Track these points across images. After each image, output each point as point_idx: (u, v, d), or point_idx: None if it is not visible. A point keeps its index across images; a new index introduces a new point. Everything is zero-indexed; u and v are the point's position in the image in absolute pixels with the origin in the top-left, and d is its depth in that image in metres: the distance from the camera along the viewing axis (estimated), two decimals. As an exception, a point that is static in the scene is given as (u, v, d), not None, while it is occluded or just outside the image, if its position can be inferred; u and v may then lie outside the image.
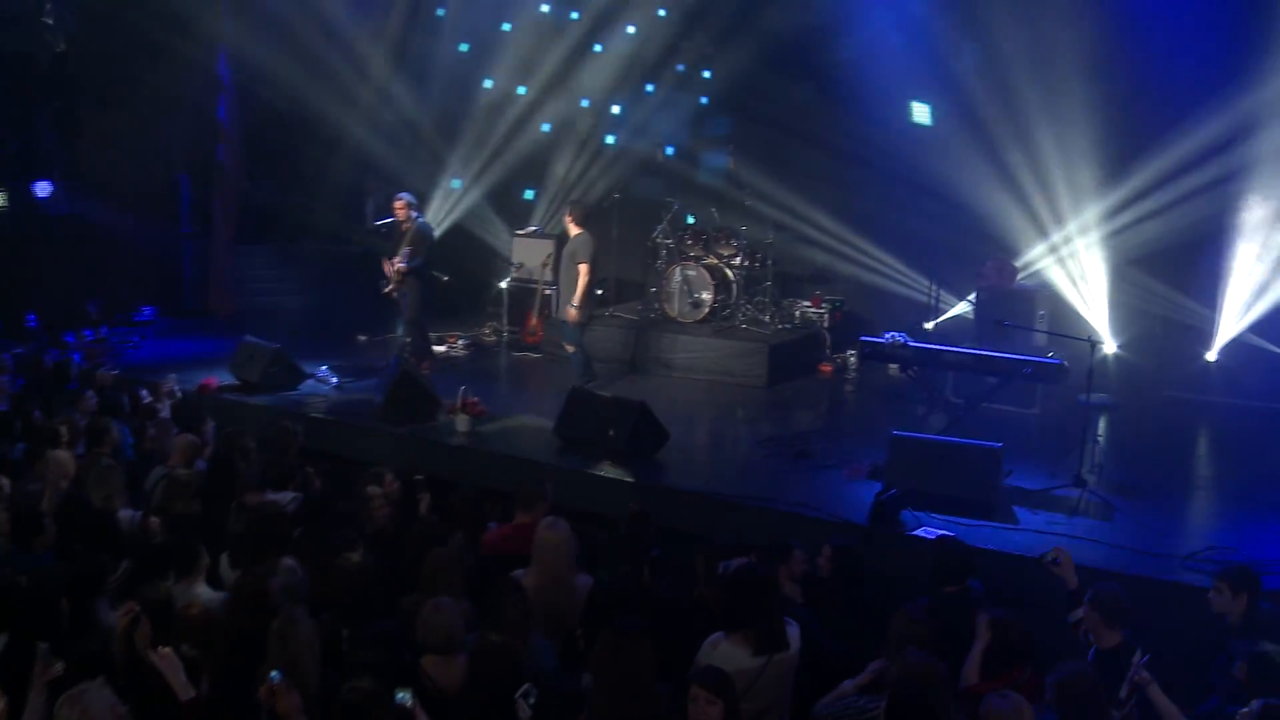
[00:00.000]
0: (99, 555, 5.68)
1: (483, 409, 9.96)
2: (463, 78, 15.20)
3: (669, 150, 15.12)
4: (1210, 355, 11.86)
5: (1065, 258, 12.45)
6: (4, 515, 6.45)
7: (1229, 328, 11.77)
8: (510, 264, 14.35)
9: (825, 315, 13.32)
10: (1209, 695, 5.39)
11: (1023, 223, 12.55)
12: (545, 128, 15.72)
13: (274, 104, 14.41)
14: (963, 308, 12.89)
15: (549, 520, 6.06)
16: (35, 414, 8.92)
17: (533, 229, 14.88)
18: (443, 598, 5.04)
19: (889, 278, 13.64)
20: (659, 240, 13.34)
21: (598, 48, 15.34)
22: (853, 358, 12.54)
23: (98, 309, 13.21)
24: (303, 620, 4.76)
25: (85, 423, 8.25)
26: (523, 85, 15.39)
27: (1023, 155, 12.31)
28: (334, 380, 11.36)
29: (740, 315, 12.81)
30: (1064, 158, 12.14)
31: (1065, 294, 12.20)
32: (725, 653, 4.96)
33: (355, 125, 14.94)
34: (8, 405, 9.42)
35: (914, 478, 8.11)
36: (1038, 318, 11.34)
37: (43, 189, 13.84)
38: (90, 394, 9.34)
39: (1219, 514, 8.34)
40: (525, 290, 13.88)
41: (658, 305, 13.03)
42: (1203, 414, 11.31)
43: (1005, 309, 11.18)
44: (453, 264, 12.95)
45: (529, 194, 16.11)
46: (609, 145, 15.55)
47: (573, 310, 11.19)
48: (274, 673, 4.47)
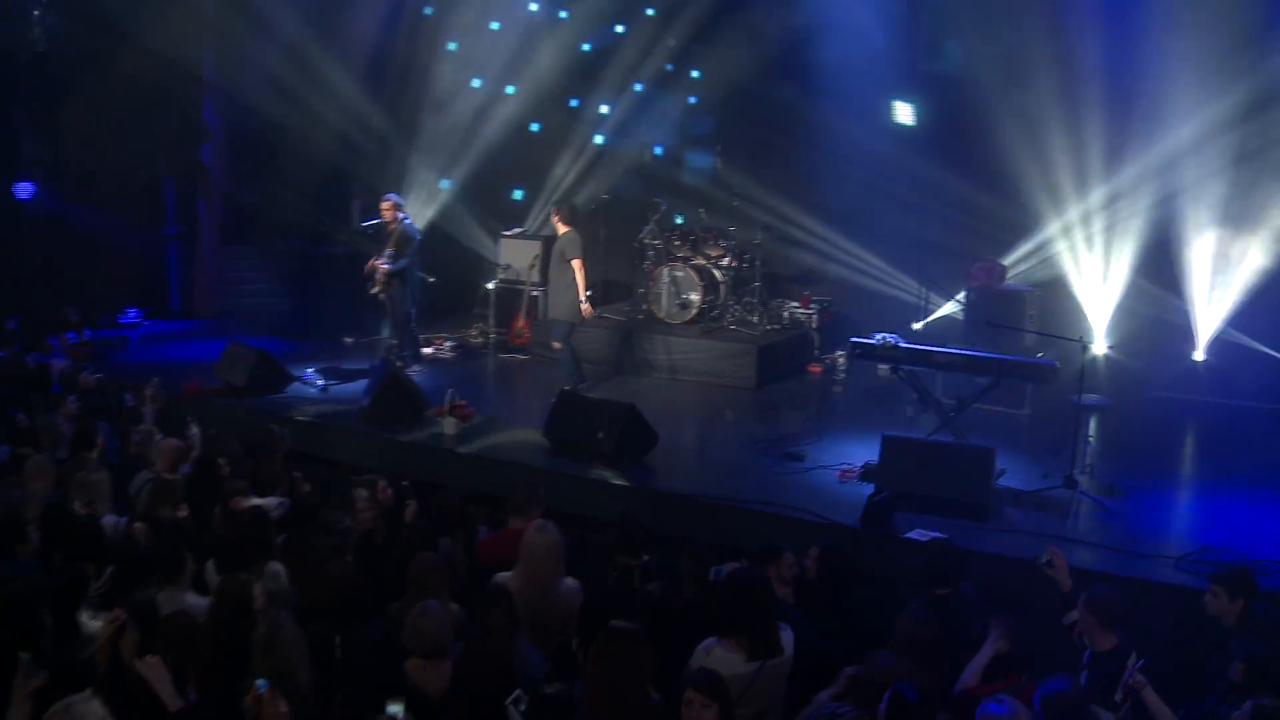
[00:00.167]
0: (82, 563, 5.59)
1: (471, 412, 9.89)
2: (451, 77, 15.12)
3: (657, 150, 15.05)
4: (1198, 355, 11.85)
5: (1052, 255, 12.43)
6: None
7: (1208, 325, 11.80)
8: (497, 265, 14.29)
9: (813, 316, 13.28)
10: (1203, 697, 5.37)
11: (1010, 221, 12.53)
12: (534, 127, 15.67)
13: (259, 104, 14.29)
14: (951, 308, 12.86)
15: (538, 523, 6.02)
16: (19, 417, 8.82)
17: (519, 230, 14.80)
18: (431, 601, 4.98)
19: (876, 278, 13.60)
20: (646, 241, 13.28)
21: (586, 47, 15.30)
22: (841, 358, 12.47)
23: (77, 312, 13.06)
24: (288, 626, 4.69)
25: (67, 427, 8.15)
26: (511, 85, 15.35)
27: (1007, 153, 12.27)
28: (320, 383, 11.29)
29: (728, 316, 12.76)
30: (1048, 155, 12.11)
31: (1055, 293, 12.16)
32: (719, 658, 4.93)
33: (341, 125, 14.84)
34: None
35: (906, 479, 8.09)
36: (1027, 319, 11.31)
37: (24, 190, 13.70)
38: (71, 398, 9.23)
39: (1211, 514, 8.30)
40: (512, 292, 13.82)
41: (645, 306, 12.97)
42: (1192, 414, 11.30)
43: (994, 310, 11.16)
44: (434, 264, 12.84)
45: (518, 194, 16.04)
46: (597, 145, 15.50)
47: (586, 305, 11.13)
48: (260, 681, 4.41)
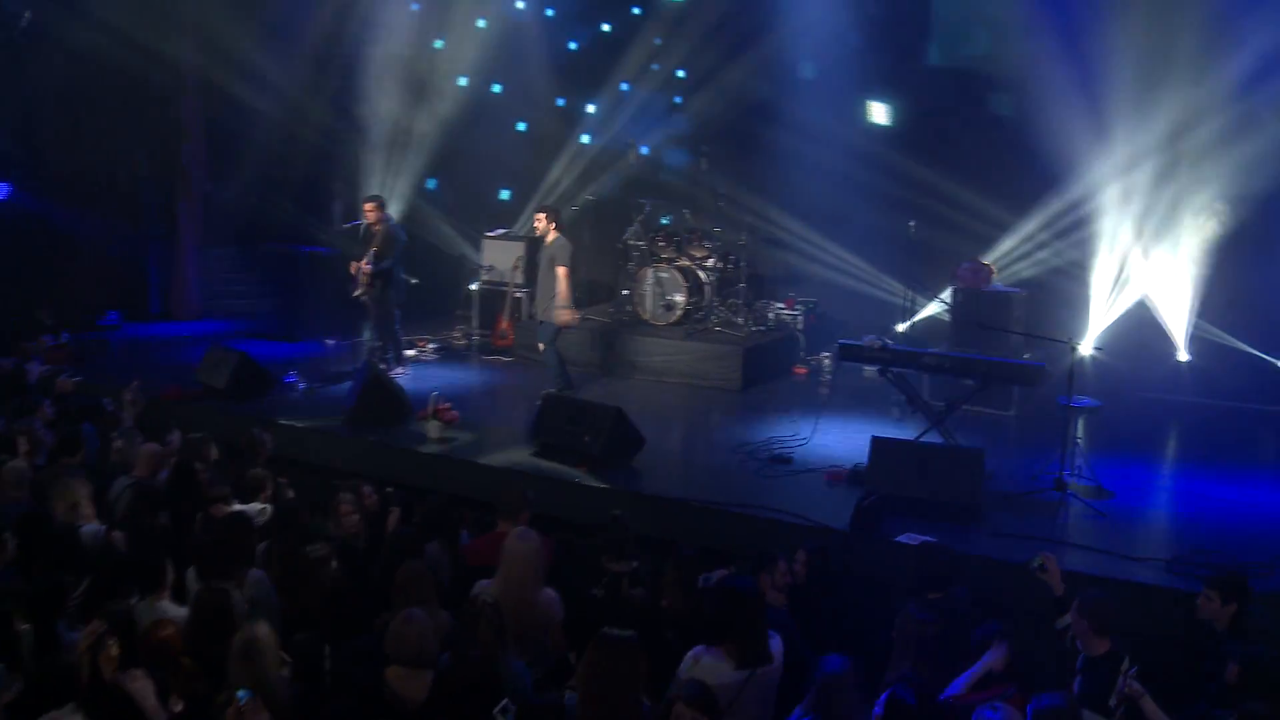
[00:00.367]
0: (60, 572, 5.47)
1: (455, 415, 9.79)
2: (437, 76, 15.03)
3: (643, 150, 14.98)
4: (1181, 355, 11.84)
5: (1036, 254, 12.46)
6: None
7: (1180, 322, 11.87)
8: (480, 266, 14.19)
9: (799, 317, 13.24)
10: (1195, 700, 5.34)
11: (991, 218, 12.55)
12: (521, 126, 15.58)
13: (239, 104, 14.18)
14: (935, 308, 12.82)
15: (519, 531, 5.96)
16: (-1, 422, 8.69)
17: (502, 231, 14.70)
18: (415, 610, 4.92)
19: (861, 279, 13.56)
20: (630, 242, 13.22)
21: (573, 45, 15.22)
22: (827, 359, 12.45)
23: (50, 314, 12.90)
24: (266, 635, 4.61)
25: (44, 433, 8.01)
26: (498, 84, 15.27)
27: (989, 150, 12.34)
28: (302, 386, 11.18)
29: (713, 318, 12.69)
30: (1030, 152, 12.09)
31: (1041, 294, 12.12)
32: (707, 667, 4.87)
33: (322, 125, 14.73)
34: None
35: (895, 481, 8.05)
36: (1013, 320, 11.27)
37: (1, 190, 13.55)
38: (47, 403, 9.07)
39: (1200, 516, 8.30)
40: (495, 293, 13.73)
41: (630, 308, 12.90)
42: (1178, 414, 11.32)
43: (981, 312, 11.14)
44: (413, 265, 12.76)
45: (504, 194, 15.96)
46: (583, 145, 15.42)
47: (567, 313, 10.93)
48: (241, 692, 4.32)
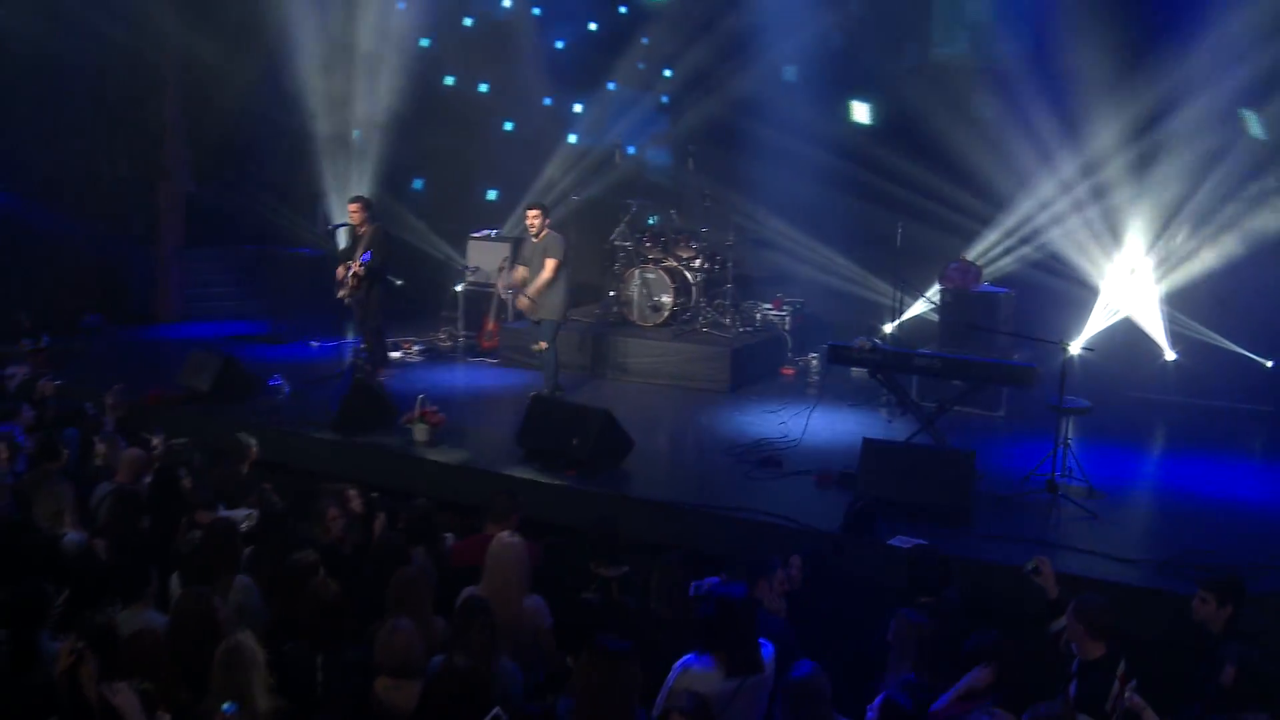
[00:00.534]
0: (42, 581, 5.37)
1: (441, 418, 9.70)
2: (423, 74, 14.95)
3: (630, 150, 14.91)
4: (1168, 355, 11.84)
5: (1021, 252, 12.48)
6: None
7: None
8: (465, 268, 14.10)
9: (786, 317, 13.19)
10: (1190, 703, 5.30)
11: (977, 214, 12.57)
12: (508, 126, 15.50)
13: (221, 104, 14.06)
14: (922, 306, 12.79)
15: (502, 536, 5.89)
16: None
17: (488, 232, 14.61)
18: (402, 619, 4.85)
19: (848, 279, 13.54)
20: (617, 243, 13.15)
21: (559, 44, 15.15)
22: (815, 360, 12.41)
23: (29, 317, 12.75)
24: (249, 645, 4.53)
25: (23, 438, 7.89)
26: (484, 83, 15.18)
27: (970, 150, 12.32)
28: (287, 390, 11.05)
29: (701, 318, 12.64)
30: (1009, 149, 12.16)
31: (1028, 294, 12.10)
32: (697, 675, 4.82)
33: (307, 125, 14.63)
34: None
35: (886, 484, 8.01)
36: (1001, 321, 11.23)
37: (-21, 192, 13.43)
38: (25, 407, 8.94)
39: (1191, 516, 8.28)
40: (481, 294, 13.64)
41: (617, 309, 12.83)
42: (1167, 414, 11.32)
43: (969, 313, 11.11)
44: (400, 267, 12.69)
45: (491, 194, 15.87)
46: (570, 144, 15.35)
47: (525, 300, 10.90)
48: (226, 705, 4.24)
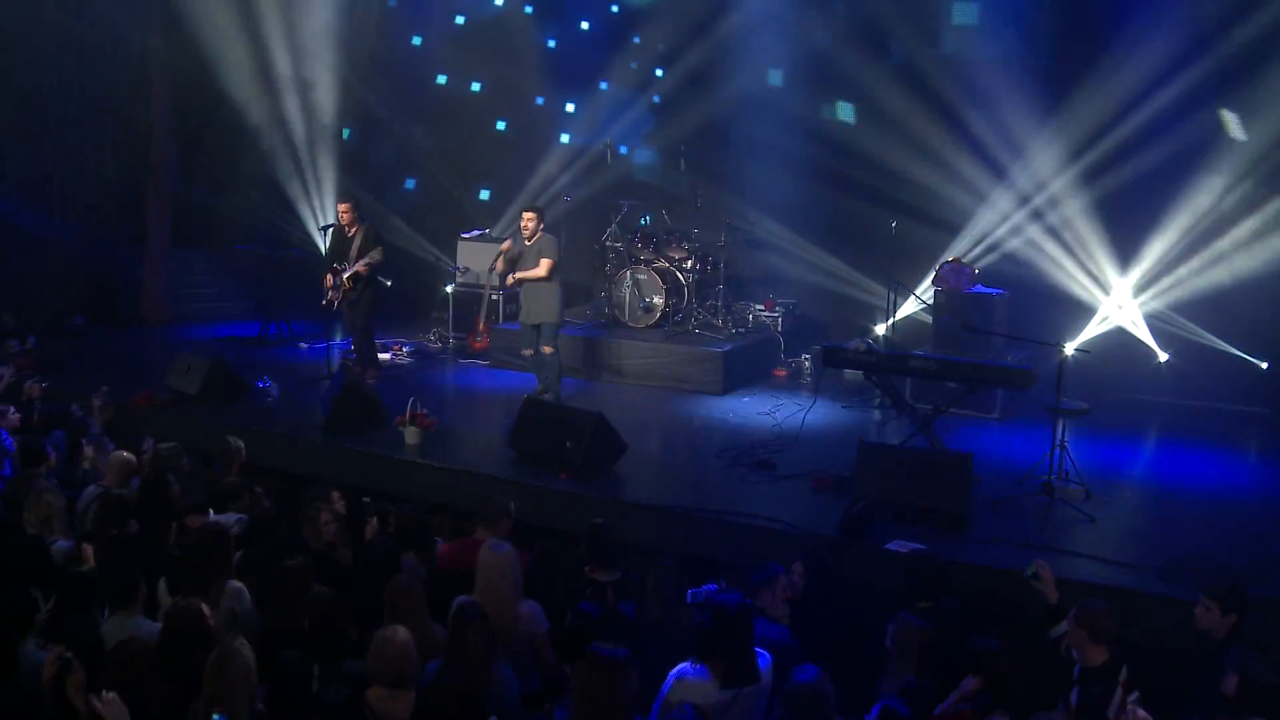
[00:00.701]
0: (28, 587, 5.28)
1: (432, 421, 9.63)
2: (415, 73, 14.87)
3: (622, 149, 14.86)
4: (1161, 356, 11.82)
5: (1010, 250, 12.47)
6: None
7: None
8: (454, 269, 14.01)
9: (778, 319, 13.14)
10: (1191, 710, 5.26)
11: (963, 209, 12.59)
12: (500, 125, 15.42)
13: (208, 105, 13.97)
14: (914, 305, 12.75)
15: (492, 543, 5.85)
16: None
17: (479, 232, 14.53)
18: (396, 628, 4.79)
19: (840, 279, 13.50)
20: (609, 243, 13.08)
21: (551, 43, 15.09)
22: (807, 361, 12.36)
23: (13, 318, 12.65)
24: (241, 652, 4.46)
25: (8, 441, 7.79)
26: (476, 81, 15.11)
27: (964, 145, 12.34)
28: (276, 392, 10.97)
29: (693, 319, 12.57)
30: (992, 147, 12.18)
31: (1022, 295, 12.08)
32: (692, 685, 4.76)
33: (296, 125, 14.54)
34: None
35: (883, 487, 7.93)
36: (995, 322, 11.20)
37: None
38: (11, 409, 8.83)
39: (1189, 519, 8.24)
40: (471, 295, 13.55)
41: (608, 310, 12.77)
42: (1163, 416, 11.29)
43: (963, 314, 11.07)
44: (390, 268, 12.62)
45: (484, 194, 15.79)
46: (563, 144, 15.27)
47: (503, 265, 10.80)
48: (216, 715, 4.16)
